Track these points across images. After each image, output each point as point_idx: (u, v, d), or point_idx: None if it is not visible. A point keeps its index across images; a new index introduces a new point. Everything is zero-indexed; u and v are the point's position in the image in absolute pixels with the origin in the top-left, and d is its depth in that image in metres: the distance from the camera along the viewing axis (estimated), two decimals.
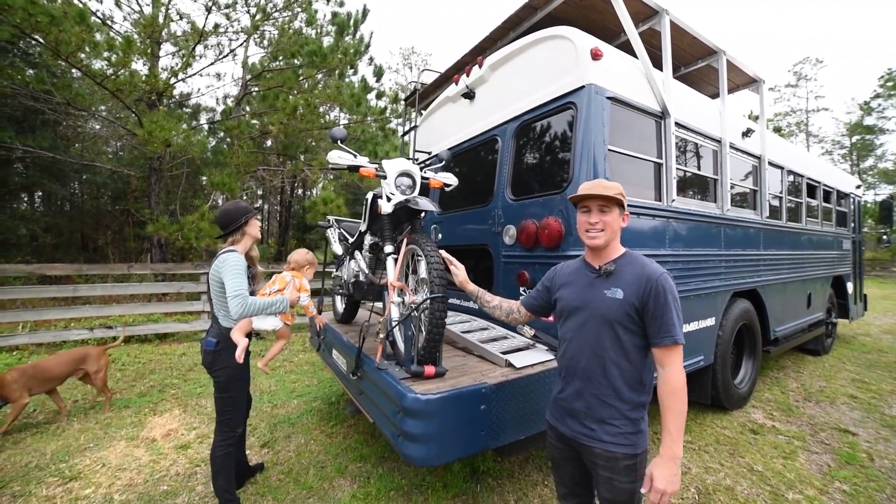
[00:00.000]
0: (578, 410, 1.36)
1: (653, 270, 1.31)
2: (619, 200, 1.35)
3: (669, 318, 1.25)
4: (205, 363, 2.16)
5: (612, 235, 1.38)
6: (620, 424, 1.29)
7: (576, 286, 1.44)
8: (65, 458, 2.76)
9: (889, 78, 28.58)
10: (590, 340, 1.35)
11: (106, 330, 5.52)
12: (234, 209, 2.21)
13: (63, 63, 7.21)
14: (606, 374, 1.32)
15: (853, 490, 2.47)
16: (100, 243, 12.89)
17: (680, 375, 1.24)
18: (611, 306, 1.32)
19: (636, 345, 1.31)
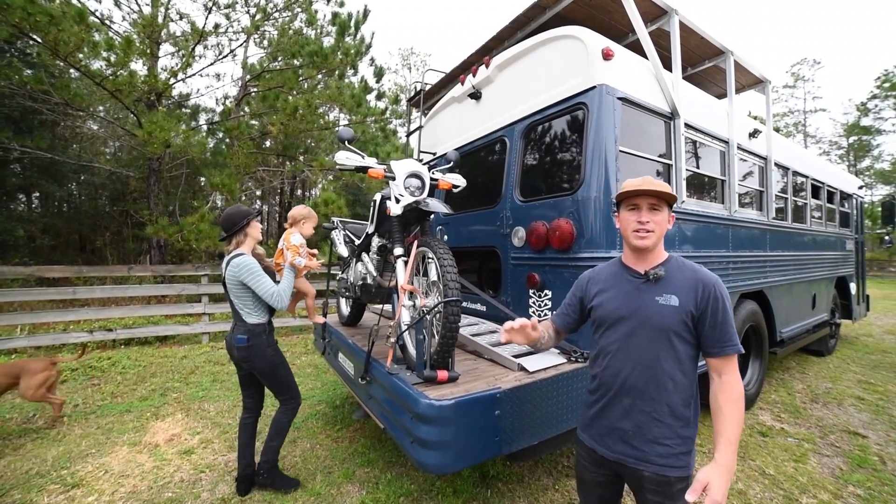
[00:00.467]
0: (626, 430, 1.25)
1: (708, 276, 1.24)
2: (670, 199, 1.26)
3: (730, 327, 1.19)
4: (240, 357, 2.33)
5: (660, 237, 1.27)
6: (673, 444, 1.19)
7: (617, 292, 1.33)
8: (66, 464, 2.72)
9: (885, 79, 28.75)
10: (640, 352, 1.24)
11: (106, 332, 5.46)
12: (235, 213, 2.32)
13: (61, 63, 7.16)
14: (660, 388, 1.21)
15: (868, 494, 2.45)
16: (98, 244, 12.79)
17: (740, 383, 1.18)
18: (666, 315, 1.21)
19: (690, 355, 1.23)
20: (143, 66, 8.19)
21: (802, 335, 4.50)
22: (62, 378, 4.34)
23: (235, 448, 2.92)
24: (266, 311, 2.38)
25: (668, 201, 1.26)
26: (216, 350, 5.63)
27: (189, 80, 11.02)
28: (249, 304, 2.31)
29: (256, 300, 2.32)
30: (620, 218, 1.34)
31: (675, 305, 1.21)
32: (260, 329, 2.33)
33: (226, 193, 7.94)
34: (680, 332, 1.21)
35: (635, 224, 1.27)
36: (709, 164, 3.15)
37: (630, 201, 1.29)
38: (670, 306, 1.22)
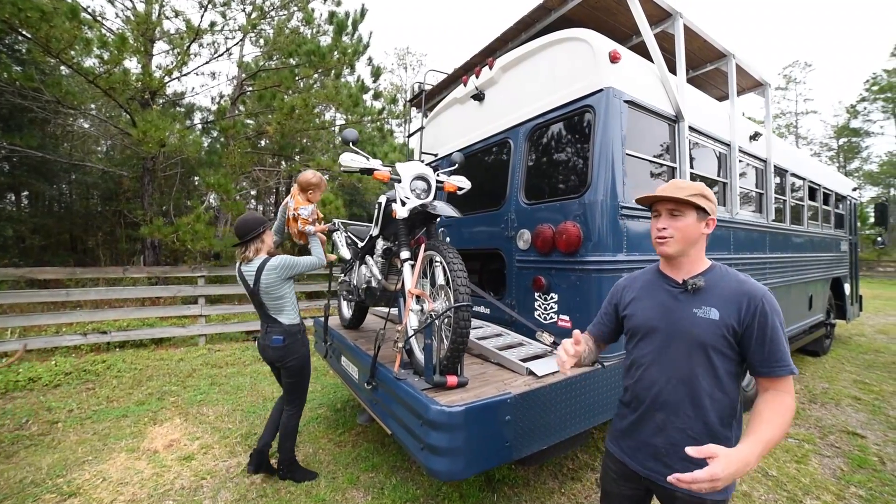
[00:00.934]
0: (658, 447, 1.19)
1: (755, 288, 1.13)
2: (695, 203, 1.16)
3: (780, 345, 1.07)
4: (274, 357, 2.48)
5: (685, 244, 1.19)
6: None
7: (652, 301, 1.26)
8: (62, 472, 2.65)
9: (874, 82, 29.29)
10: (675, 366, 1.17)
11: (100, 335, 5.37)
12: (250, 219, 2.43)
13: (53, 60, 7.02)
14: (697, 405, 1.14)
15: (869, 495, 2.47)
16: (90, 245, 12.59)
17: (792, 404, 1.06)
18: (705, 328, 1.13)
19: (731, 372, 1.14)
20: (137, 63, 8.07)
21: (800, 336, 4.55)
22: (55, 382, 4.26)
23: (236, 454, 2.90)
24: (296, 310, 2.54)
25: (693, 205, 1.17)
26: (213, 352, 5.56)
27: (184, 78, 10.89)
28: (288, 305, 2.46)
29: (291, 301, 2.49)
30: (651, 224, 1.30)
31: (715, 319, 1.12)
32: (296, 329, 2.49)
33: (221, 193, 7.84)
34: (719, 347, 1.12)
35: (655, 231, 1.23)
36: (711, 167, 3.17)
37: (653, 208, 1.25)
38: (709, 320, 1.13)
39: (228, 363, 5.16)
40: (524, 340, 2.53)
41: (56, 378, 4.32)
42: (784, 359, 1.07)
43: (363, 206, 13.69)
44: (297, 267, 2.45)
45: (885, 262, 21.53)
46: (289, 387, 2.55)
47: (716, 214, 1.21)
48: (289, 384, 2.55)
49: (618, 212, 2.27)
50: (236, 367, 5.04)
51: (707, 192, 1.19)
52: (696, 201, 1.17)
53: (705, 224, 1.20)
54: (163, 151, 8.28)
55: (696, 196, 1.17)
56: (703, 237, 1.22)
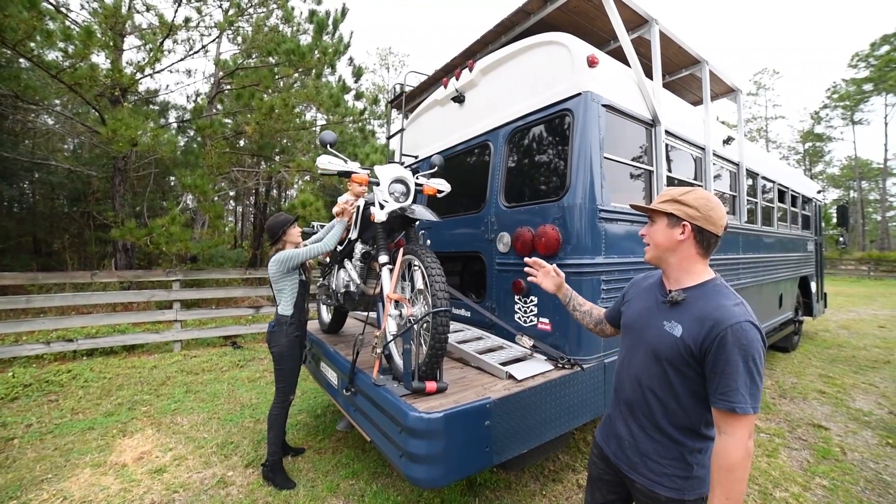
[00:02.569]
0: (622, 437, 1.25)
1: (727, 314, 1.03)
2: (663, 210, 1.16)
3: (732, 379, 0.99)
4: (266, 340, 2.72)
5: (658, 251, 1.20)
6: (666, 464, 1.13)
7: (641, 305, 1.28)
8: (16, 493, 2.48)
9: (834, 91, 30.90)
10: (637, 368, 1.22)
11: (65, 343, 5.09)
12: (273, 223, 2.71)
13: (8, 52, 6.63)
14: (651, 409, 1.17)
15: (832, 485, 2.58)
16: (56, 248, 11.98)
17: (739, 448, 0.98)
18: (664, 341, 1.13)
19: (691, 390, 1.10)
20: (105, 59, 7.72)
21: (771, 333, 4.73)
22: (12, 395, 4.01)
23: (211, 464, 2.81)
24: (293, 305, 2.65)
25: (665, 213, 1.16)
26: (189, 359, 5.37)
27: (157, 75, 10.50)
28: (283, 296, 2.63)
29: (287, 295, 2.63)
30: None
31: (676, 336, 1.11)
32: (284, 320, 2.63)
33: (198, 195, 7.59)
34: (676, 364, 1.11)
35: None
36: (687, 170, 3.25)
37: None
38: (671, 335, 1.12)
39: (205, 369, 4.99)
40: (504, 344, 2.53)
41: (13, 391, 4.07)
42: (730, 394, 0.99)
43: None
44: (296, 258, 2.58)
45: (845, 261, 22.74)
46: (275, 374, 2.69)
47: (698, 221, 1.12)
48: (275, 372, 2.68)
49: (596, 215, 2.30)
50: (213, 373, 4.87)
51: (686, 197, 1.14)
52: (661, 208, 1.16)
53: (680, 231, 1.14)
54: (135, 151, 7.96)
55: (666, 202, 1.16)
56: (684, 245, 1.15)
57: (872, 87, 27.62)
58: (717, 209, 1.13)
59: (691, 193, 1.15)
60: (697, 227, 1.13)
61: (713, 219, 1.12)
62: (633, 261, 2.51)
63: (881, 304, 11.12)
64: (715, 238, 1.14)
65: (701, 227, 1.13)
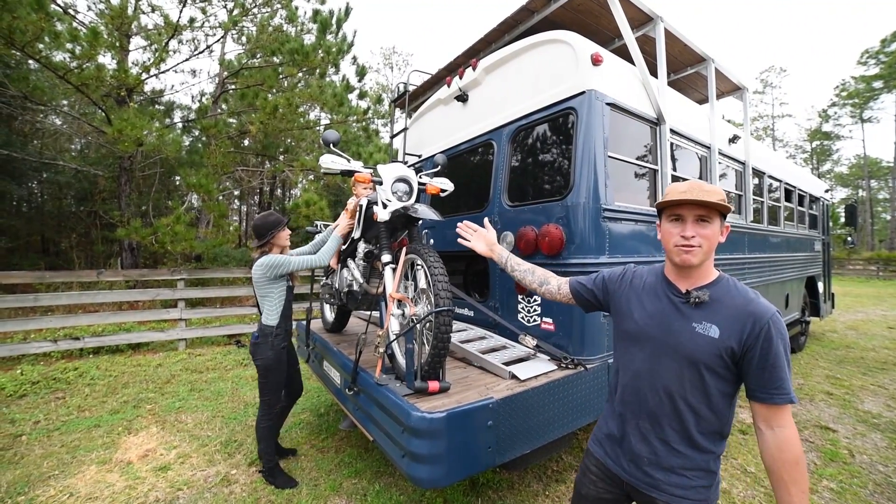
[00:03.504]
0: (641, 456, 1.16)
1: (763, 307, 1.04)
2: (724, 210, 1.07)
3: (782, 372, 1.01)
4: (250, 351, 2.56)
5: (709, 254, 1.10)
6: (693, 476, 1.09)
7: (652, 308, 1.19)
8: (24, 489, 2.51)
9: (843, 88, 30.51)
10: (665, 379, 1.12)
11: (72, 341, 5.15)
12: (261, 224, 2.54)
13: (18, 53, 6.71)
14: (680, 420, 1.10)
15: (840, 487, 2.55)
16: (63, 247, 12.12)
17: (798, 440, 1.00)
18: (701, 345, 1.07)
19: (723, 392, 1.08)
20: (111, 59, 7.79)
21: None
22: (20, 392, 4.06)
23: (215, 462, 2.82)
24: (277, 312, 2.52)
25: (720, 211, 1.08)
26: (193, 357, 5.41)
27: (162, 75, 10.57)
28: (267, 305, 2.50)
29: (273, 303, 2.50)
30: (662, 229, 1.17)
31: (714, 338, 1.06)
32: (269, 330, 2.49)
33: (203, 194, 7.65)
34: (714, 366, 1.06)
35: (678, 238, 1.10)
36: (692, 169, 3.22)
37: (673, 211, 1.12)
38: (708, 337, 1.06)
39: (209, 368, 5.02)
40: (508, 343, 2.52)
41: (21, 388, 4.12)
42: (784, 386, 1.01)
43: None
44: (287, 266, 2.44)
45: (854, 261, 22.45)
46: (259, 386, 2.58)
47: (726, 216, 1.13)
48: (259, 383, 2.58)
49: (600, 214, 2.28)
50: (217, 371, 4.90)
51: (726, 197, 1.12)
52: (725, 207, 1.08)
53: (722, 232, 1.12)
54: (141, 151, 8.05)
55: (723, 201, 1.08)
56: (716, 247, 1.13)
57: (882, 84, 27.22)
58: None
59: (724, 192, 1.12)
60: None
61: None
62: (638, 260, 2.49)
63: (890, 304, 10.97)
64: None
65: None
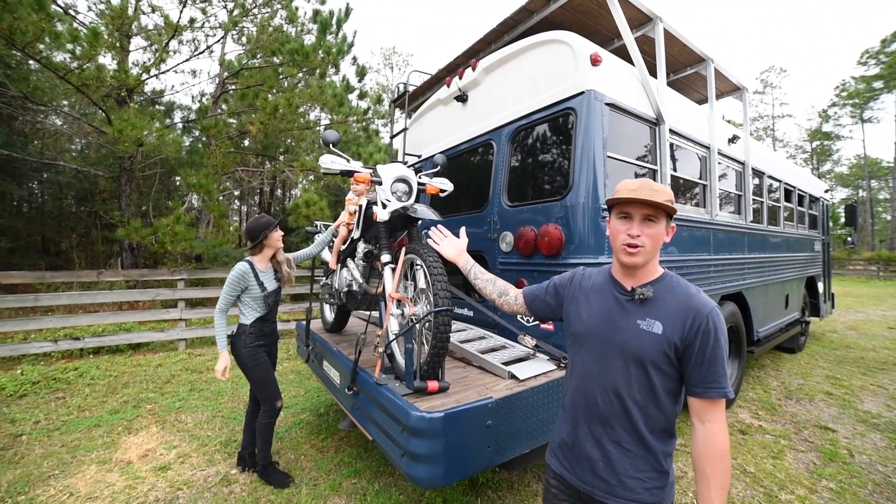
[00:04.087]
0: (594, 460, 1.13)
1: (702, 302, 1.06)
2: (669, 210, 1.08)
3: (720, 366, 1.02)
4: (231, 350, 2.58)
5: (654, 253, 1.11)
6: (646, 477, 1.08)
7: (599, 308, 1.19)
8: (24, 488, 2.51)
9: (843, 88, 30.50)
10: (612, 378, 1.12)
11: (72, 341, 5.15)
12: (254, 226, 2.55)
13: (19, 54, 6.72)
14: (630, 419, 1.09)
15: (839, 487, 2.55)
16: (64, 247, 12.13)
17: (725, 435, 1.01)
18: (646, 342, 1.07)
19: (669, 389, 1.09)
20: (112, 60, 7.80)
21: (777, 334, 4.68)
22: (20, 392, 4.07)
23: (215, 462, 2.83)
24: (253, 313, 2.56)
25: (667, 212, 1.09)
26: (193, 357, 5.41)
27: (163, 76, 10.59)
28: (242, 305, 2.56)
29: (246, 303, 2.55)
30: (610, 226, 1.17)
31: (658, 333, 1.06)
32: (242, 329, 2.55)
33: (203, 194, 7.65)
34: (658, 363, 1.06)
35: (625, 237, 1.11)
36: (691, 169, 3.22)
37: (622, 208, 1.12)
38: (652, 333, 1.07)
39: (209, 368, 5.02)
40: (507, 343, 2.53)
41: (22, 388, 4.12)
42: (720, 380, 1.02)
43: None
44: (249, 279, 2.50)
45: (854, 261, 22.44)
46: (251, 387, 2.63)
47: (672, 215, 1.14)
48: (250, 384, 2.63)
49: (599, 214, 2.29)
50: None
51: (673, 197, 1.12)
52: (671, 208, 1.09)
53: (668, 231, 1.13)
54: (141, 151, 8.05)
55: (671, 201, 1.10)
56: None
57: (883, 84, 27.20)
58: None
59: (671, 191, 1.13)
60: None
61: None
62: None
63: (891, 304, 10.97)
64: None
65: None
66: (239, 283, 2.48)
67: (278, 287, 2.67)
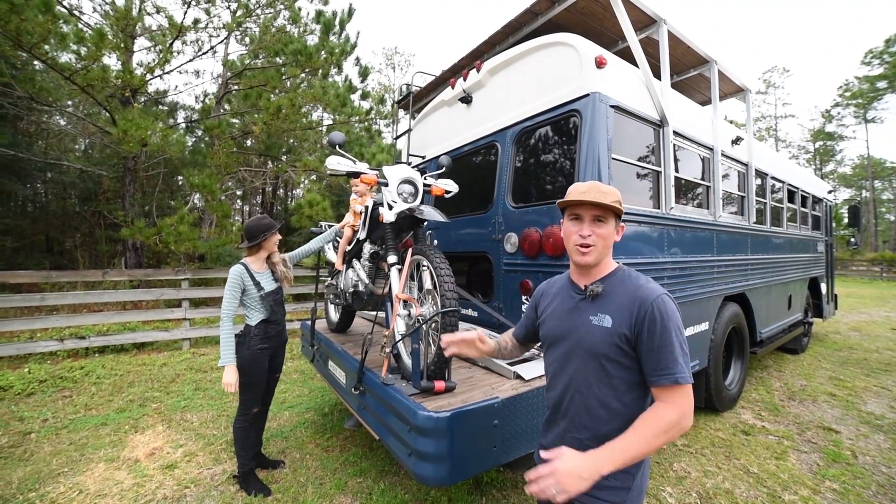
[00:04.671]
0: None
1: (648, 291, 1.07)
2: (617, 210, 1.11)
3: (669, 352, 1.01)
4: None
5: (604, 252, 1.14)
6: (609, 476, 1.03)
7: (559, 310, 1.22)
8: (35, 485, 2.55)
9: (846, 89, 30.38)
10: (574, 376, 1.14)
11: (78, 340, 5.19)
12: (255, 226, 2.54)
13: (25, 55, 6.77)
14: (593, 416, 1.11)
15: (843, 488, 2.56)
16: (68, 246, 12.19)
17: (676, 415, 0.98)
18: (598, 336, 1.09)
19: (630, 382, 1.09)
20: (116, 60, 7.84)
21: (780, 335, 4.68)
22: (28, 391, 4.10)
23: (221, 461, 2.85)
24: (257, 315, 2.54)
25: (615, 212, 1.12)
26: (198, 357, 5.44)
27: (166, 76, 10.64)
28: (246, 307, 2.55)
29: (248, 305, 2.53)
30: (563, 227, 1.20)
31: (608, 327, 1.08)
32: (247, 331, 2.54)
33: (206, 194, 7.69)
34: (612, 356, 1.08)
35: (577, 237, 1.13)
36: (694, 171, 3.23)
37: (573, 210, 1.16)
38: (603, 327, 1.09)
39: (213, 367, 5.05)
40: None
41: (29, 386, 4.16)
42: (670, 366, 1.01)
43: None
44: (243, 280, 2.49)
45: (857, 262, 22.37)
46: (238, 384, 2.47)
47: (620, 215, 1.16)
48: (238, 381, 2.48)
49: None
50: (221, 371, 4.93)
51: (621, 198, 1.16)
52: (618, 208, 1.11)
53: (618, 231, 1.16)
54: (145, 151, 8.08)
55: (618, 202, 1.12)
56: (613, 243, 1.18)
57: (887, 84, 27.09)
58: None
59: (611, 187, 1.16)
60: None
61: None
62: (641, 262, 2.51)
63: (894, 305, 10.94)
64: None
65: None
66: (237, 286, 2.45)
67: (278, 287, 2.63)
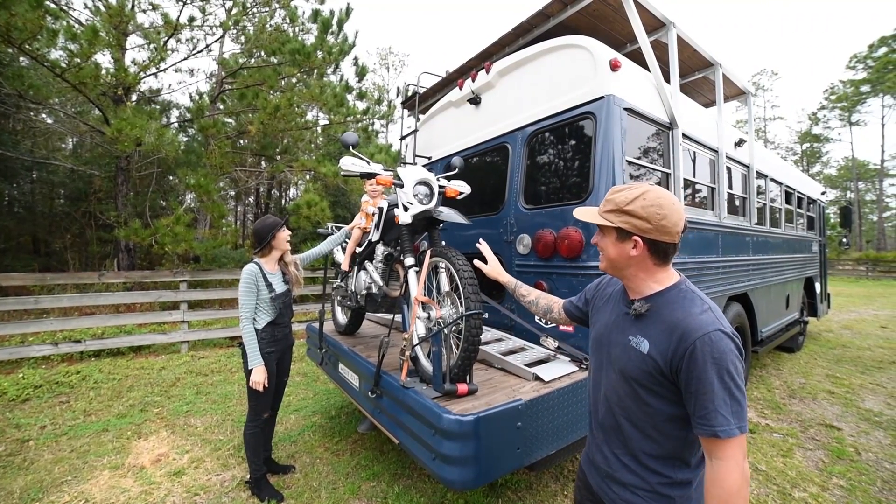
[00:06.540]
0: (600, 466, 1.12)
1: (695, 323, 0.91)
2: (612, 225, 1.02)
3: (709, 400, 0.86)
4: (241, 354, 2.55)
5: (612, 264, 1.06)
6: (645, 496, 1.00)
7: (608, 317, 1.15)
8: (38, 495, 2.47)
9: (832, 91, 31.12)
10: (607, 388, 1.09)
11: (73, 344, 5.07)
12: (262, 227, 2.50)
13: (13, 51, 6.58)
14: (625, 436, 1.04)
15: (849, 485, 2.61)
16: (56, 247, 11.90)
17: (734, 473, 0.85)
18: (632, 359, 1.00)
19: (671, 415, 0.97)
20: (109, 58, 7.68)
21: (778, 334, 4.76)
22: (23, 397, 3.99)
23: (230, 466, 2.80)
24: (265, 317, 2.48)
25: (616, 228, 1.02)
26: (197, 360, 5.35)
27: (159, 74, 10.45)
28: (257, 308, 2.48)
29: (258, 306, 2.47)
30: None
31: (642, 352, 0.98)
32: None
33: (201, 194, 7.56)
34: (646, 383, 0.98)
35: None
36: (700, 173, 3.27)
37: None
38: (637, 351, 0.99)
39: (214, 370, 4.97)
40: (525, 345, 2.54)
41: (24, 392, 4.04)
42: (708, 417, 0.86)
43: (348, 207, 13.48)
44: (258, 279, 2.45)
45: (843, 261, 22.91)
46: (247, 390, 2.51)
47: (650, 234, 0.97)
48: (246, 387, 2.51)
49: None
50: (222, 374, 4.86)
51: (634, 206, 0.97)
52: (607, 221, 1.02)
53: (632, 245, 1.00)
54: (138, 150, 7.92)
55: (612, 213, 1.01)
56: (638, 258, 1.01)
57: (870, 88, 27.82)
58: (670, 216, 0.96)
59: (640, 200, 0.97)
60: (650, 241, 0.98)
61: (667, 228, 0.96)
62: None
63: (881, 304, 11.21)
64: (672, 247, 0.99)
65: (654, 239, 0.98)
66: (252, 285, 2.40)
67: (288, 290, 2.59)
